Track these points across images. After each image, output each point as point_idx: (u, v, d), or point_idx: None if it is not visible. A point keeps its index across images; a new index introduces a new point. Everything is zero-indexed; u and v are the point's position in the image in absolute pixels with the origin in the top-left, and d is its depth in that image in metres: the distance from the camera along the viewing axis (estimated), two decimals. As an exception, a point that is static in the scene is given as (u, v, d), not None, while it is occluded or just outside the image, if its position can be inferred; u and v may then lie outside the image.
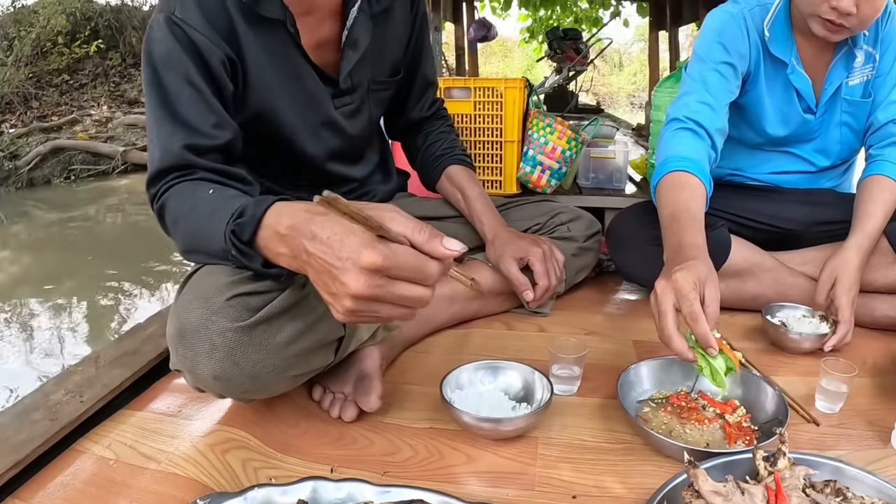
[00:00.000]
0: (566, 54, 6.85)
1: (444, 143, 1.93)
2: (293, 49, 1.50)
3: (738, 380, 1.38)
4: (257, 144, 1.55)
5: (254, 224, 1.08)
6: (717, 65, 1.85)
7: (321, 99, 1.60)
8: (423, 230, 0.95)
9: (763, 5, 1.87)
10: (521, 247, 1.71)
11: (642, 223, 1.86)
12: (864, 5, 1.62)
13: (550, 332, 1.73)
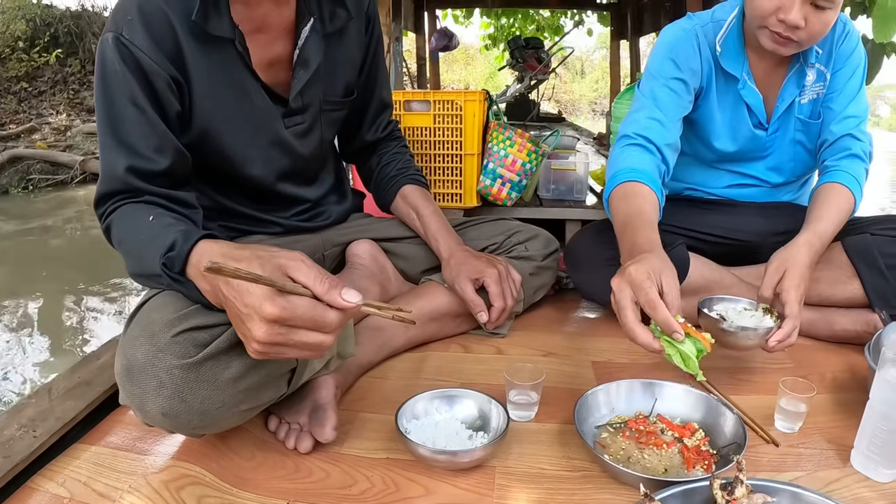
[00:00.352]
0: (528, 63, 6.87)
1: (399, 163, 1.91)
2: (242, 68, 1.49)
3: (697, 403, 1.37)
4: (206, 164, 1.54)
5: (182, 260, 1.14)
6: (668, 81, 1.86)
7: (270, 118, 1.58)
8: (324, 281, 1.02)
9: (717, 21, 1.89)
10: (477, 267, 1.69)
11: (600, 242, 1.86)
12: (812, 19, 1.64)
13: (508, 355, 1.71)
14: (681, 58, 1.87)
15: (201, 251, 1.13)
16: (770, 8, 1.65)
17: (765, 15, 1.67)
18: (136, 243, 1.27)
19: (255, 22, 1.47)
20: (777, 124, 1.91)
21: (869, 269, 1.79)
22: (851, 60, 1.87)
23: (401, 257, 1.88)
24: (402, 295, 1.79)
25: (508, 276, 1.72)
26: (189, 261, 1.13)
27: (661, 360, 1.66)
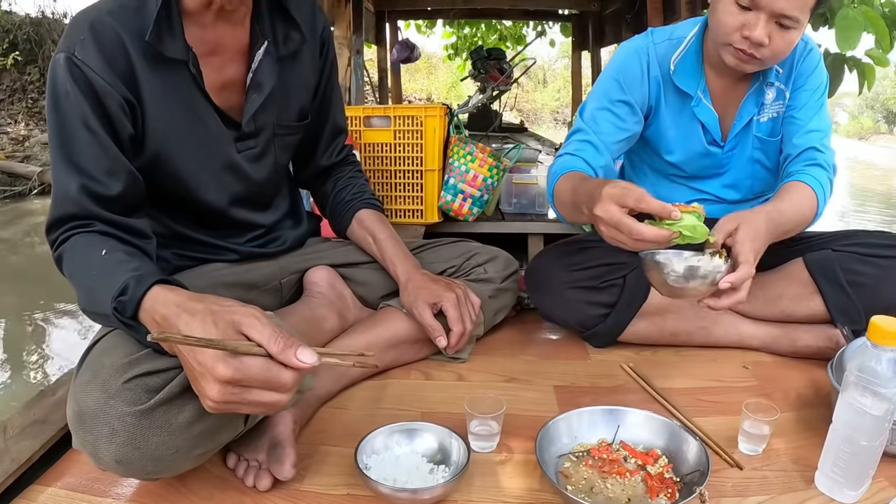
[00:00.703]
0: (490, 74, 6.84)
1: (354, 188, 1.88)
2: (195, 90, 1.45)
3: (659, 429, 1.36)
4: (160, 188, 1.50)
5: (134, 305, 1.12)
6: (611, 103, 1.87)
7: (223, 142, 1.54)
8: (279, 340, 1.00)
9: (676, 39, 1.89)
10: (435, 291, 1.66)
11: (561, 265, 1.85)
12: (776, 38, 1.64)
13: (469, 381, 1.68)
14: (627, 79, 1.88)
15: (154, 297, 1.11)
16: (735, 24, 1.65)
17: (729, 31, 1.67)
18: (87, 279, 1.24)
19: (208, 44, 1.45)
20: (734, 142, 1.92)
21: (830, 286, 1.79)
22: (813, 77, 1.88)
23: (359, 283, 1.85)
24: (360, 322, 1.75)
25: (467, 300, 1.69)
26: (142, 306, 1.11)
27: (623, 385, 1.66)
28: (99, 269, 1.22)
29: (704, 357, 1.86)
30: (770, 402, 1.51)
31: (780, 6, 1.59)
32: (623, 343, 1.89)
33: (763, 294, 1.87)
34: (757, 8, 1.61)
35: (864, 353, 1.19)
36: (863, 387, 1.18)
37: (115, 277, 1.15)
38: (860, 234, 1.89)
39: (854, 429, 1.21)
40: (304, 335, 1.49)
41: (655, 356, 1.87)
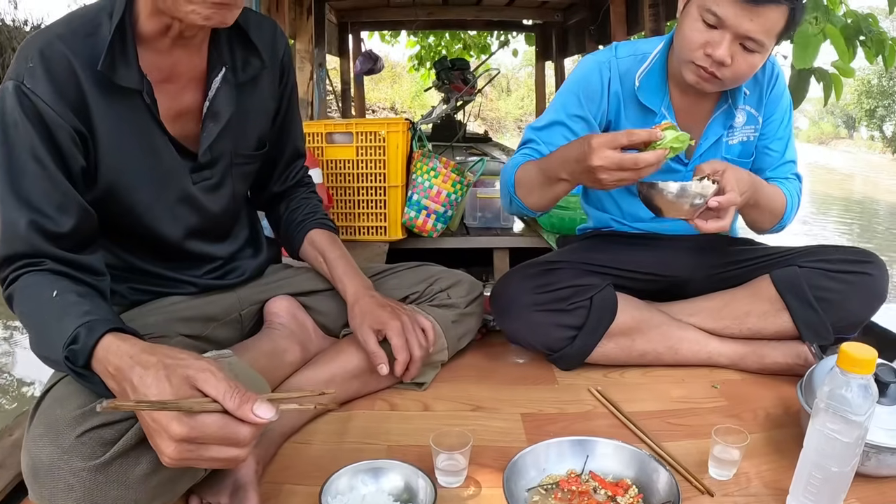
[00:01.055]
0: (454, 84, 6.86)
1: (306, 208, 1.84)
2: (149, 120, 1.39)
3: (629, 459, 1.33)
4: (114, 221, 1.44)
5: (86, 355, 1.07)
6: (568, 117, 1.86)
7: (178, 174, 1.49)
8: (235, 396, 0.97)
9: (638, 55, 1.88)
10: (380, 318, 1.61)
11: (527, 288, 1.82)
12: (739, 59, 1.64)
13: (435, 411, 1.64)
14: (587, 93, 1.87)
15: (107, 347, 1.07)
16: (699, 41, 1.65)
17: (693, 48, 1.66)
18: (38, 322, 1.19)
19: (163, 71, 1.39)
20: (699, 161, 1.89)
21: (798, 302, 1.79)
22: (782, 104, 1.93)
23: (320, 311, 1.80)
24: (323, 353, 1.70)
25: (414, 328, 1.64)
26: (94, 355, 1.07)
27: (591, 411, 1.65)
28: (49, 312, 1.17)
29: (673, 377, 1.84)
30: (740, 423, 1.52)
31: (745, 28, 1.59)
32: (591, 364, 1.86)
33: (730, 312, 1.87)
34: (723, 27, 1.61)
35: (834, 380, 1.17)
36: (833, 413, 1.16)
37: (66, 323, 1.11)
38: (826, 249, 1.90)
39: (825, 456, 1.19)
40: (265, 371, 1.45)
41: (623, 377, 1.85)
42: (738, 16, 1.58)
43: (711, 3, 1.61)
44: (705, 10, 1.62)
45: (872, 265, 1.83)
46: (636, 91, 1.85)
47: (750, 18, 1.58)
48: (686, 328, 1.89)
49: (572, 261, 1.92)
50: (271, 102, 1.66)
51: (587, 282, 1.82)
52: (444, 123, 6.94)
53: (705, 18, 1.63)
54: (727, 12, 1.59)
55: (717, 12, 1.60)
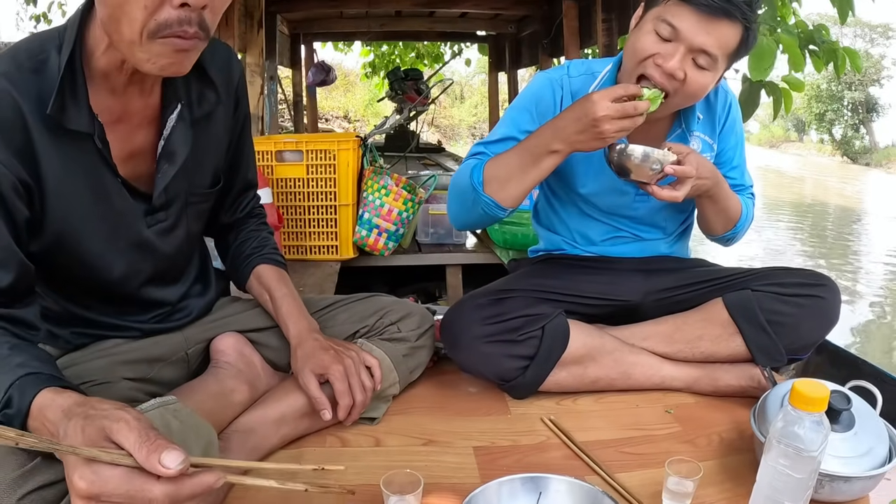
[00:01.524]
0: (407, 95, 6.85)
1: (255, 241, 1.78)
2: (100, 163, 1.31)
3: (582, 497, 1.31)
4: (60, 271, 1.38)
5: (21, 417, 1.03)
6: (520, 133, 1.84)
7: (131, 218, 1.41)
8: (143, 446, 0.89)
9: (590, 74, 1.89)
10: (322, 362, 1.56)
11: (477, 319, 1.80)
12: (690, 74, 1.64)
13: (387, 446, 1.60)
14: (539, 108, 1.87)
15: (41, 404, 1.02)
16: (651, 50, 1.65)
17: (642, 57, 1.67)
18: None
19: (115, 111, 1.31)
20: None
21: (750, 326, 1.79)
22: (737, 133, 1.97)
23: (268, 347, 1.74)
24: (272, 391, 1.65)
25: (358, 370, 1.59)
26: (30, 414, 1.02)
27: (545, 441, 1.63)
28: None
29: (626, 402, 1.83)
30: (694, 449, 1.54)
31: (700, 41, 1.60)
32: (544, 393, 1.84)
33: (683, 336, 1.86)
34: (677, 40, 1.62)
35: (787, 417, 1.17)
36: (785, 448, 1.16)
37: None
38: (779, 272, 1.90)
39: (778, 490, 1.19)
40: (212, 413, 1.41)
41: (577, 405, 1.83)
42: (694, 28, 1.60)
43: (669, 15, 1.62)
44: (661, 21, 1.63)
45: (825, 288, 1.84)
46: None
47: (707, 31, 1.60)
48: (639, 353, 1.88)
49: (523, 288, 1.90)
50: (225, 135, 1.60)
51: (538, 311, 1.80)
52: (398, 134, 6.92)
53: (660, 31, 1.63)
54: (684, 24, 1.60)
55: (674, 23, 1.61)
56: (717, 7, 1.57)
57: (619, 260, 2.02)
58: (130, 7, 1.09)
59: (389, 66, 9.65)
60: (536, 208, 2.19)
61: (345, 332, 1.77)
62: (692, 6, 1.59)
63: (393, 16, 6.62)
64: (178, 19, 1.12)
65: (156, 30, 1.11)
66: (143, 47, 1.13)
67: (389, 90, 7.22)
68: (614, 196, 1.94)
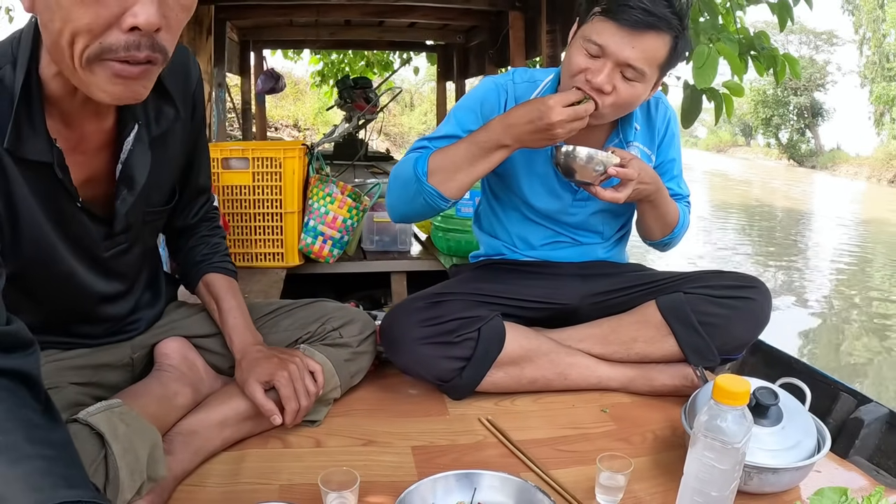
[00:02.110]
0: (356, 103, 6.83)
1: (206, 247, 1.78)
2: (60, 191, 1.27)
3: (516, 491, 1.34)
4: (19, 296, 1.31)
5: None
6: (464, 132, 1.87)
7: (88, 242, 1.38)
8: None
9: (534, 82, 1.94)
10: (267, 370, 1.57)
11: (415, 322, 1.83)
12: (620, 88, 1.69)
13: (327, 447, 1.62)
14: (485, 111, 1.92)
15: None
16: (581, 66, 1.70)
17: (574, 73, 1.71)
18: None
19: (71, 138, 1.27)
20: (586, 194, 1.94)
21: (683, 327, 1.85)
22: (675, 145, 2.04)
23: (212, 352, 1.75)
24: (215, 394, 1.65)
25: (302, 375, 1.61)
26: None
27: (482, 441, 1.66)
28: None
29: (563, 403, 1.87)
30: (629, 446, 1.59)
31: (626, 55, 1.65)
32: (483, 394, 1.88)
33: (618, 337, 1.91)
34: (604, 56, 1.67)
35: (711, 412, 1.21)
36: (710, 441, 1.20)
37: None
38: (710, 275, 1.96)
39: (704, 482, 1.24)
40: (156, 416, 1.42)
41: (515, 405, 1.86)
42: (618, 44, 1.64)
43: (592, 33, 1.67)
44: (587, 40, 1.68)
45: (755, 290, 1.90)
46: None
47: (631, 45, 1.64)
48: (575, 354, 1.92)
49: (460, 292, 1.93)
50: (181, 145, 1.56)
51: (475, 313, 1.84)
52: (346, 142, 6.91)
53: (588, 48, 1.68)
54: (608, 41, 1.65)
55: (598, 41, 1.66)
56: (640, 21, 1.62)
57: (558, 265, 2.06)
58: (73, 29, 1.04)
59: (339, 75, 9.60)
60: (478, 214, 2.22)
61: (288, 339, 1.79)
62: (616, 22, 1.64)
63: (342, 25, 6.63)
64: (126, 44, 1.05)
65: (99, 53, 1.06)
66: (86, 72, 1.08)
67: (338, 99, 7.19)
68: (552, 200, 1.98)
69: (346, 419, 1.75)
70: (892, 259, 11.73)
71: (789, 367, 2.37)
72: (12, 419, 0.86)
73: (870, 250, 12.51)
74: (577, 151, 1.74)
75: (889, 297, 8.84)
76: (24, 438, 0.84)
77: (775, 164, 35.71)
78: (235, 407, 1.59)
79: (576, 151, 1.74)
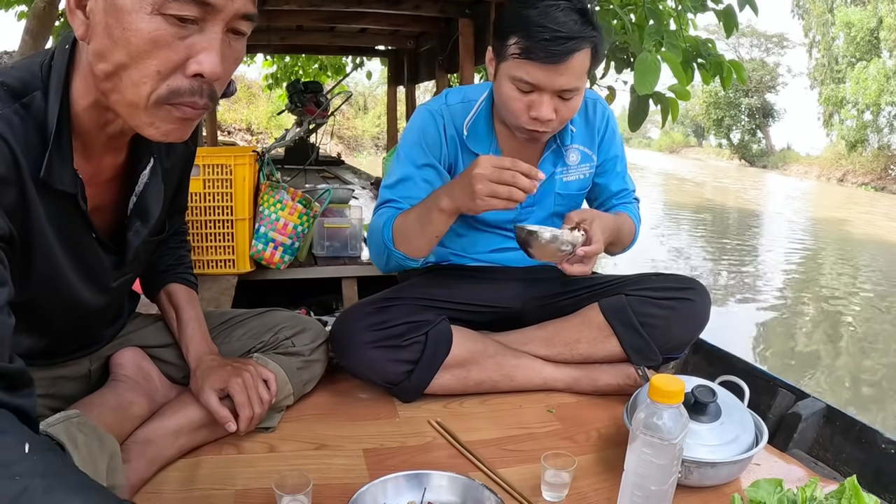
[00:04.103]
0: (306, 107, 6.81)
1: (172, 258, 1.79)
2: (79, 221, 1.27)
3: (464, 490, 1.38)
4: (36, 318, 1.34)
5: None
6: (418, 168, 1.92)
7: (100, 271, 1.39)
8: None
9: (468, 102, 1.96)
10: (221, 377, 1.59)
11: (363, 326, 1.86)
12: (561, 109, 1.73)
13: (280, 452, 1.64)
14: (428, 142, 1.94)
15: None
16: (522, 108, 1.73)
17: (518, 115, 1.74)
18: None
19: (88, 171, 1.25)
20: (532, 199, 1.98)
21: (625, 328, 1.91)
22: (616, 143, 2.07)
23: (167, 362, 1.76)
24: (170, 403, 1.66)
25: (256, 383, 1.63)
26: None
27: (431, 442, 1.69)
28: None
29: (510, 404, 1.91)
30: (574, 445, 1.64)
31: (559, 84, 1.68)
32: (432, 396, 1.91)
33: (562, 339, 1.96)
34: (538, 90, 1.70)
35: (647, 410, 1.26)
36: (648, 439, 1.25)
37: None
38: (651, 278, 2.02)
39: (643, 477, 1.29)
40: (112, 426, 1.42)
41: (463, 407, 1.90)
42: (548, 77, 1.67)
43: (520, 73, 1.69)
44: (516, 80, 1.70)
45: (694, 291, 1.96)
46: (465, 139, 1.93)
47: (560, 74, 1.66)
48: (521, 356, 1.96)
49: (408, 297, 1.96)
50: (180, 171, 1.58)
51: (422, 317, 1.87)
52: (298, 146, 6.90)
53: (518, 86, 1.71)
54: (537, 77, 1.67)
55: (528, 79, 1.68)
56: (560, 52, 1.63)
57: (503, 269, 2.10)
58: (141, 69, 1.06)
59: (292, 78, 9.57)
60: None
61: (241, 349, 1.81)
62: (538, 62, 1.65)
63: (294, 30, 6.59)
64: (190, 89, 1.08)
65: (167, 97, 1.08)
66: (149, 112, 1.10)
67: (289, 103, 7.17)
68: (500, 212, 2.01)
69: (299, 424, 1.77)
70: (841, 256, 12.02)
71: (730, 365, 2.45)
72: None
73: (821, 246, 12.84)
74: (540, 233, 1.68)
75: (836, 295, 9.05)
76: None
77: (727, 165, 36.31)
78: (190, 415, 1.60)
79: (538, 232, 1.68)
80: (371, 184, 6.00)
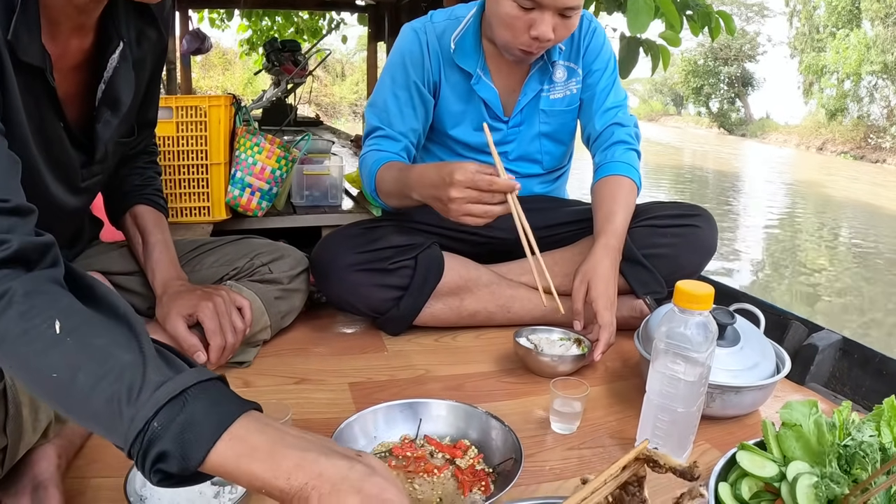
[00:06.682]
0: (284, 66, 6.67)
1: (139, 178, 1.65)
2: (48, 105, 1.18)
3: (465, 418, 1.26)
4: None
5: (195, 464, 0.74)
6: (401, 89, 1.89)
7: (70, 172, 1.29)
8: None
9: (455, 19, 1.90)
10: (190, 302, 1.45)
11: (347, 248, 1.75)
12: (560, 29, 1.67)
13: (256, 387, 1.50)
14: (411, 60, 1.89)
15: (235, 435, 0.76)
16: (522, 27, 1.65)
17: (518, 35, 1.67)
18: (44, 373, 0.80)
19: (54, 54, 1.15)
20: (519, 118, 1.93)
21: (627, 262, 1.79)
22: (603, 55, 1.95)
23: (131, 291, 1.63)
24: None
25: (229, 310, 1.48)
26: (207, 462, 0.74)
27: (423, 375, 1.61)
28: (67, 369, 0.79)
29: (506, 337, 1.79)
30: (577, 377, 1.48)
31: (562, 2, 1.61)
32: (421, 329, 1.81)
33: (561, 270, 1.84)
34: (540, 7, 1.62)
35: (672, 320, 1.15)
36: (674, 353, 1.14)
37: (118, 408, 0.74)
38: (654, 207, 1.92)
39: (669, 397, 1.18)
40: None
41: (456, 341, 1.80)
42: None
43: None
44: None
45: (700, 218, 1.86)
46: (452, 54, 1.86)
47: None
48: (516, 287, 1.86)
49: (397, 220, 1.88)
50: (149, 69, 1.46)
51: (411, 240, 1.78)
52: (275, 107, 6.74)
53: (521, 3, 1.63)
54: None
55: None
56: None
57: None
58: None
59: (267, 41, 9.46)
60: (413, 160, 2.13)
61: (213, 276, 1.69)
62: None
63: (273, -17, 6.48)
64: None
65: None
66: None
67: (266, 62, 7.02)
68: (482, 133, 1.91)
69: (277, 359, 1.66)
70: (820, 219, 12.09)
71: (737, 299, 2.33)
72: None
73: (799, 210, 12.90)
74: (541, 351, 1.60)
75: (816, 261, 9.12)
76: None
77: (706, 133, 36.74)
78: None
79: (539, 351, 1.61)
80: (351, 141, 5.86)
